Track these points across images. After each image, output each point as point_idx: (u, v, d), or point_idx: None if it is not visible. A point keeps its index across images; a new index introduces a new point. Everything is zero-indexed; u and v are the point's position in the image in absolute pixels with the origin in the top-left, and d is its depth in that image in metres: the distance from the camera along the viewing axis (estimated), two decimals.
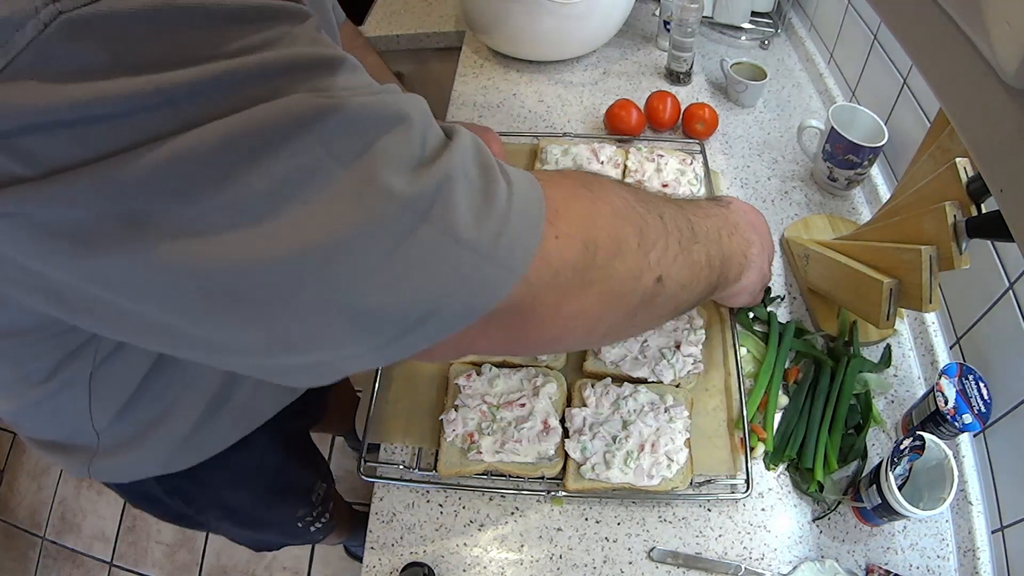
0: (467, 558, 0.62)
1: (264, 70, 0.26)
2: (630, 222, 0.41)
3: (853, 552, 0.62)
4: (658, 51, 1.17)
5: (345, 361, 0.32)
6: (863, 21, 0.95)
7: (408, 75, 1.37)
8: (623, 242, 0.39)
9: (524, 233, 0.34)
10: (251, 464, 0.73)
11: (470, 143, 0.34)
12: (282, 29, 0.27)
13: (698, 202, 0.53)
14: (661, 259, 0.42)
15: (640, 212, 0.42)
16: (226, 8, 0.25)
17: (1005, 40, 0.21)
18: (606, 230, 0.39)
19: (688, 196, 0.86)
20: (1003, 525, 0.60)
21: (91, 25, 0.23)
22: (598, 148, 0.90)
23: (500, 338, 0.38)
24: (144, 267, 0.26)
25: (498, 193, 0.33)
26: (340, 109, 0.27)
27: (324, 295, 0.29)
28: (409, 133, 0.30)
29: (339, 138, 0.27)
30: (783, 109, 1.06)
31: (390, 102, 0.30)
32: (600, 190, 0.41)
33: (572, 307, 0.38)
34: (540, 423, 0.66)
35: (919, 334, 0.76)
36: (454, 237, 0.30)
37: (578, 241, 0.36)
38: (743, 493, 0.63)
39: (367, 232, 0.28)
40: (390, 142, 0.29)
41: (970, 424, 0.60)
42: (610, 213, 0.40)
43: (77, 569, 1.55)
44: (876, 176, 0.91)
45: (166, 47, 0.24)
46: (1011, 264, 0.62)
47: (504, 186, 0.33)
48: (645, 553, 0.62)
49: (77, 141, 0.24)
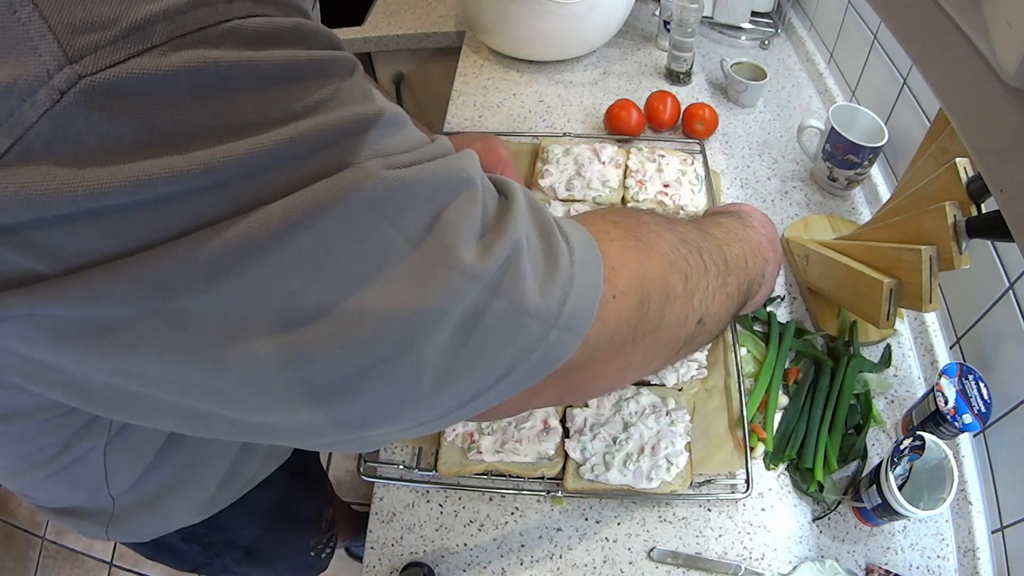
0: (467, 558, 0.62)
1: (321, 137, 0.23)
2: (677, 268, 0.40)
3: (853, 552, 0.62)
4: (658, 51, 1.17)
5: (409, 431, 0.31)
6: (863, 21, 0.96)
7: (408, 75, 1.38)
8: (671, 290, 0.39)
9: (587, 296, 0.33)
10: (266, 500, 0.71)
11: (526, 204, 0.32)
12: (334, 86, 0.24)
13: (725, 224, 0.51)
14: (703, 300, 0.42)
15: (684, 254, 0.41)
16: (279, 65, 0.22)
17: (1005, 40, 0.21)
18: (657, 282, 0.38)
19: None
20: (1003, 525, 0.60)
21: (119, 91, 0.19)
22: (599, 148, 0.91)
23: (554, 395, 0.38)
24: (197, 366, 0.24)
25: (561, 257, 0.32)
26: (406, 181, 0.25)
27: (398, 377, 0.27)
28: (475, 199, 0.28)
29: (407, 213, 0.25)
30: (783, 109, 1.06)
31: (455, 167, 0.28)
32: (648, 236, 0.40)
33: (624, 361, 0.38)
34: (540, 423, 0.66)
35: (919, 334, 0.76)
36: (524, 308, 0.29)
37: (633, 299, 0.36)
38: (743, 493, 0.63)
39: (440, 313, 0.26)
40: (456, 210, 0.27)
41: (970, 424, 0.60)
42: (660, 263, 0.39)
43: (77, 569, 1.55)
44: (876, 176, 0.91)
45: (210, 115, 0.21)
46: (1011, 264, 0.62)
47: (565, 248, 0.32)
48: (645, 553, 0.62)
49: (108, 233, 0.20)
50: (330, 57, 0.24)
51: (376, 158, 0.25)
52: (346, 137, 0.24)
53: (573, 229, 0.35)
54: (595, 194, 0.86)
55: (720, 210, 0.59)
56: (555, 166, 0.89)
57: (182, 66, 0.20)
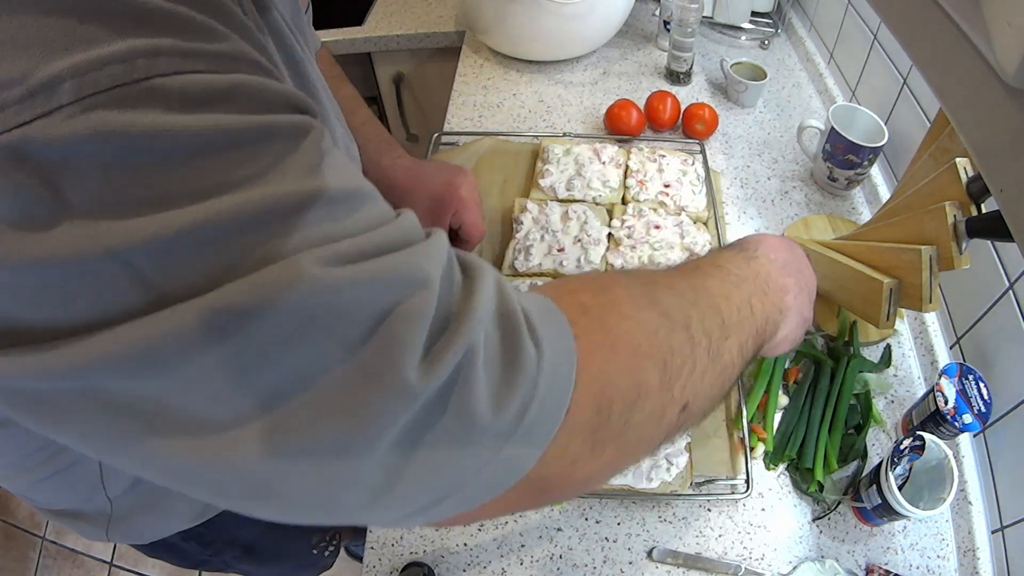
0: (467, 558, 0.62)
1: (244, 220, 0.20)
2: (653, 358, 0.35)
3: (853, 552, 0.62)
4: (658, 51, 1.17)
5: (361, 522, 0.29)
6: (863, 21, 0.96)
7: (408, 75, 1.38)
8: (642, 387, 0.34)
9: (552, 403, 0.29)
10: None
11: (493, 291, 0.28)
12: (269, 158, 0.21)
13: (725, 267, 0.45)
14: (687, 385, 0.36)
15: (663, 337, 0.36)
16: (202, 132, 0.19)
17: (1005, 40, 0.21)
18: (624, 380, 0.33)
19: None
20: (1003, 525, 0.60)
21: (24, 154, 0.18)
22: (600, 148, 0.91)
23: (517, 503, 0.34)
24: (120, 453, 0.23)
25: (524, 358, 0.27)
26: (345, 283, 0.22)
27: (329, 489, 0.24)
28: (427, 301, 0.24)
29: (344, 320, 0.22)
30: (783, 109, 1.06)
31: (409, 264, 0.24)
32: (619, 325, 0.35)
33: (586, 470, 0.33)
34: None
35: (919, 334, 0.76)
36: (473, 423, 0.26)
37: (588, 407, 0.31)
38: (743, 493, 0.63)
39: (374, 433, 0.23)
40: (403, 317, 0.23)
41: (970, 424, 0.60)
42: (630, 358, 0.34)
43: (77, 569, 1.55)
44: (876, 176, 0.91)
45: (116, 187, 0.19)
46: (1011, 264, 0.62)
47: (531, 347, 0.28)
48: (645, 553, 0.62)
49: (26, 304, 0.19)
50: (267, 123, 0.21)
51: (312, 248, 0.22)
52: (277, 220, 0.21)
53: (545, 319, 0.31)
54: (595, 194, 0.86)
55: (725, 248, 0.53)
56: (555, 166, 0.89)
57: (89, 130, 0.18)
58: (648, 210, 0.82)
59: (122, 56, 0.18)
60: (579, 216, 0.81)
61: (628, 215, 0.82)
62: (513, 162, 0.93)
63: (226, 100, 0.21)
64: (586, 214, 0.82)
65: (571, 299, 0.35)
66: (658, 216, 0.82)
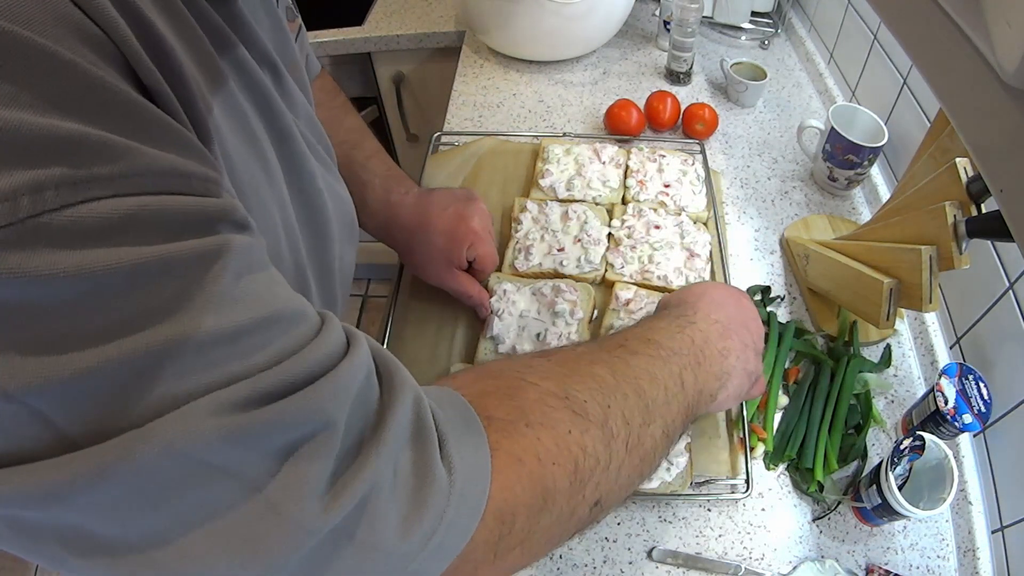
0: None
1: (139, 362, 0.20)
2: (561, 463, 0.34)
3: (853, 552, 0.62)
4: (658, 51, 1.17)
5: None
6: (863, 21, 0.96)
7: (408, 75, 1.38)
8: (550, 492, 0.34)
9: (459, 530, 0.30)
10: None
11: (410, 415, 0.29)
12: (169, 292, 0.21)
13: (656, 341, 0.44)
14: (600, 482, 0.36)
15: (575, 437, 0.35)
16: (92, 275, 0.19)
17: (1005, 40, 0.21)
18: (529, 491, 0.33)
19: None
20: (1003, 525, 0.60)
21: None
22: (600, 148, 0.91)
23: None
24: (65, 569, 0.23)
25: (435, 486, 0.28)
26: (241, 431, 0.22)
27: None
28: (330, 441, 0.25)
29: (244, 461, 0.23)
30: (783, 109, 1.06)
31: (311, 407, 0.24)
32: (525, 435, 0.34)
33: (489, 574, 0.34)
34: None
35: (919, 334, 0.76)
36: (378, 548, 0.26)
37: (492, 519, 0.32)
38: (743, 493, 0.63)
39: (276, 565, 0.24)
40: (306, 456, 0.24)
41: (970, 424, 0.60)
42: (536, 466, 0.34)
43: None
44: (876, 176, 0.91)
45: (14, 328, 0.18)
46: (1011, 264, 0.62)
47: (443, 474, 0.29)
48: (645, 553, 0.62)
49: None
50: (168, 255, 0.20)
51: (213, 393, 0.22)
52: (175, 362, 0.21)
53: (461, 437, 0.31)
54: (595, 194, 0.86)
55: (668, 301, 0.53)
56: (555, 166, 0.89)
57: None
58: (648, 210, 0.82)
59: (4, 195, 0.17)
60: (579, 216, 0.81)
61: (628, 215, 0.82)
62: (513, 162, 0.93)
63: (122, 231, 0.19)
64: (586, 214, 0.82)
65: (480, 404, 0.35)
66: (658, 216, 0.82)
